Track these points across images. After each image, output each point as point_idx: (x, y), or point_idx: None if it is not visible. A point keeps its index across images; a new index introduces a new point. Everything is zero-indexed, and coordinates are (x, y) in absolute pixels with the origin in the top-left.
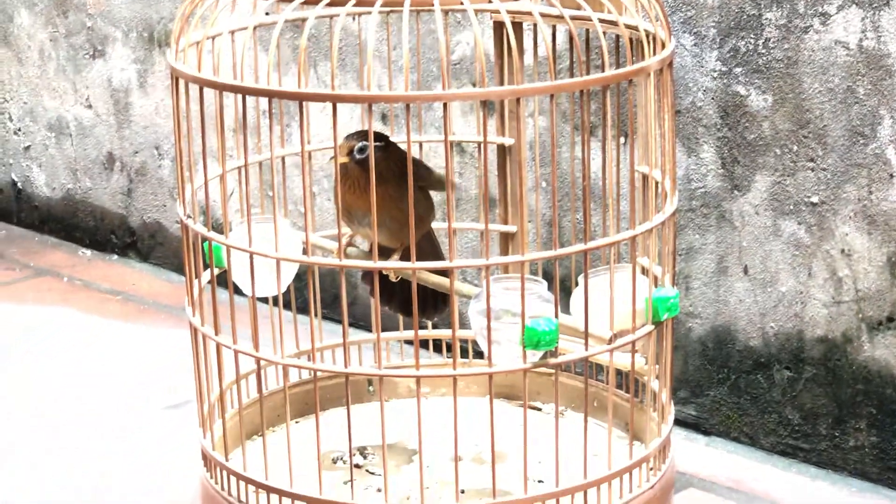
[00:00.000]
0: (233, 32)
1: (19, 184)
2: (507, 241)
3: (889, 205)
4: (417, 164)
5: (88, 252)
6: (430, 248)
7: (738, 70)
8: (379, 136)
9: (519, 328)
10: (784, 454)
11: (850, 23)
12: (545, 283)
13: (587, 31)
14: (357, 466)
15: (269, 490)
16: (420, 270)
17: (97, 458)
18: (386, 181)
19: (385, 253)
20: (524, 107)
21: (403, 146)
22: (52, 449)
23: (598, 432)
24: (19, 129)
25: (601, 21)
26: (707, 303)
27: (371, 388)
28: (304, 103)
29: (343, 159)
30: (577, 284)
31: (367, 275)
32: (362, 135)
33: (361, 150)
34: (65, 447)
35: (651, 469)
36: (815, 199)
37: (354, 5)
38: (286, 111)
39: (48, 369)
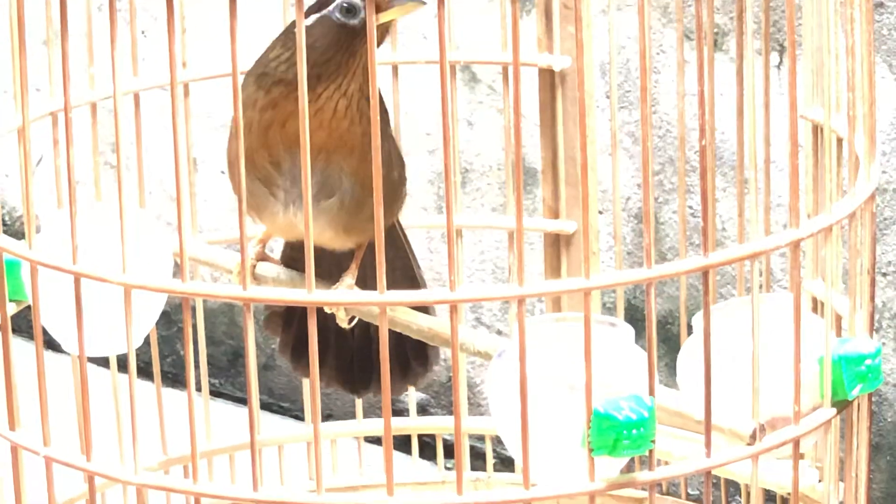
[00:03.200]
0: None
1: None
2: (558, 249)
3: None
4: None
5: None
6: (398, 261)
7: None
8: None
9: (582, 414)
10: None
11: None
12: (630, 330)
13: None
14: None
15: None
16: (395, 307)
17: None
18: (362, 112)
19: (330, 267)
20: None
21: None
22: None
23: None
24: None
25: None
26: None
27: None
28: None
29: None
30: (690, 333)
31: (276, 317)
32: None
33: (350, 8)
34: None
35: None
36: None
37: None
38: (143, 5)
39: None
